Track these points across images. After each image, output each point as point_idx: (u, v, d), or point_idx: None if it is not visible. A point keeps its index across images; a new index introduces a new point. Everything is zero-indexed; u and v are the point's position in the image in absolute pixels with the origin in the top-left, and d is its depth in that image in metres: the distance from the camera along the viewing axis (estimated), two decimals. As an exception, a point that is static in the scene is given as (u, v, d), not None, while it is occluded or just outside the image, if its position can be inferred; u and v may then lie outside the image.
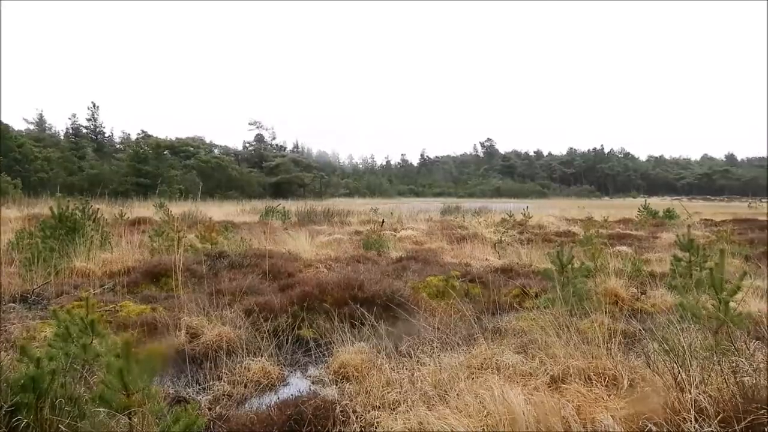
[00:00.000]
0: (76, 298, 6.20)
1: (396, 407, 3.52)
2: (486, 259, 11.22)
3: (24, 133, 64.80)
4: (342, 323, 5.34)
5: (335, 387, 4.36)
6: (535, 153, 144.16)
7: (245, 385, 4.41)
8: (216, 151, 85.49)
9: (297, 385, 4.59)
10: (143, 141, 71.56)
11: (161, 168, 58.21)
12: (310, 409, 3.60)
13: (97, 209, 11.66)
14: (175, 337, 5.35)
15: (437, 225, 20.44)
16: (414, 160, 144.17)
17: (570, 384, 3.50)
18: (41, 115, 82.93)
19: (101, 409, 2.77)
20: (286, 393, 4.34)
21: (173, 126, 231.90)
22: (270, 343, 5.16)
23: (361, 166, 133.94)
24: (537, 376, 3.72)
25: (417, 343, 4.65)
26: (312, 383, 4.63)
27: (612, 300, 6.76)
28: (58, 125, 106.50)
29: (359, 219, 23.93)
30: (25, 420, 2.84)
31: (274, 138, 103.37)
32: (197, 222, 16.73)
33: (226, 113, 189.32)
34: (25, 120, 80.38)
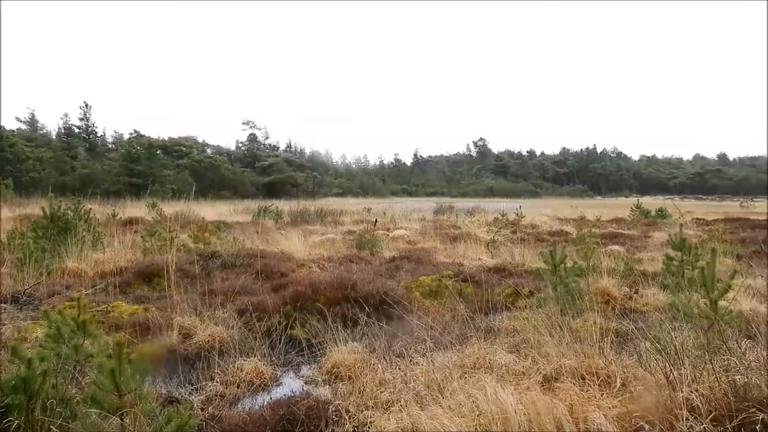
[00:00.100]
0: (67, 298, 6.18)
1: (389, 407, 3.53)
2: (479, 259, 11.24)
3: (15, 133, 64.24)
4: (335, 323, 5.33)
5: (328, 387, 4.37)
6: (528, 153, 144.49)
7: (238, 386, 4.40)
8: (209, 151, 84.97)
9: (290, 385, 4.59)
10: (135, 141, 71.09)
11: (154, 168, 57.85)
12: (302, 409, 3.60)
13: (89, 209, 11.64)
14: (168, 338, 5.33)
15: (430, 224, 20.42)
16: (407, 159, 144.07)
17: (563, 383, 3.50)
18: (33, 115, 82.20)
19: (93, 410, 2.76)
20: (278, 393, 4.34)
21: (166, 125, 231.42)
22: (263, 343, 5.15)
23: (354, 165, 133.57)
24: (530, 375, 3.72)
25: (410, 343, 4.65)
26: (305, 383, 4.63)
27: (604, 299, 6.78)
28: (50, 125, 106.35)
29: (352, 219, 23.91)
30: (17, 421, 2.82)
31: (267, 138, 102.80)
32: (190, 222, 16.67)
33: (218, 113, 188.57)
34: (17, 119, 79.75)
